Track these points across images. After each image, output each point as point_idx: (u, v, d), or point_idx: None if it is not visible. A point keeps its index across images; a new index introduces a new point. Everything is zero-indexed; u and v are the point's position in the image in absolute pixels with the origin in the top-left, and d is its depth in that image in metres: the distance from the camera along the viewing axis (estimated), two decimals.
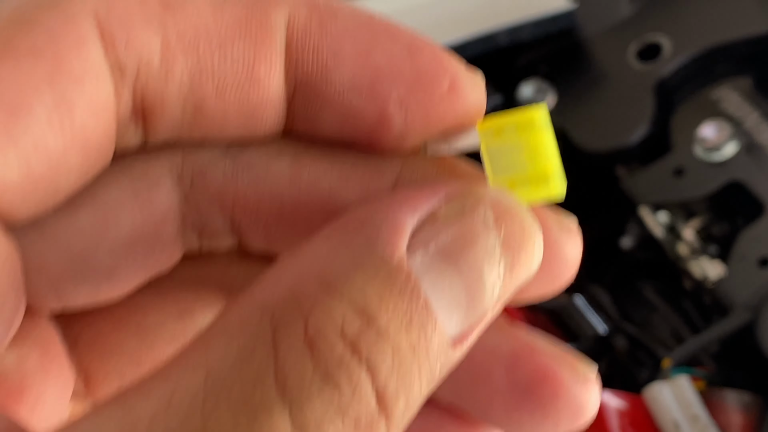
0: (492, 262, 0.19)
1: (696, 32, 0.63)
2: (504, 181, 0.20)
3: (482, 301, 0.19)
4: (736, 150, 0.57)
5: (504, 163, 0.20)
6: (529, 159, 0.20)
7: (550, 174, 0.20)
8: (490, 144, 0.20)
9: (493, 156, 0.20)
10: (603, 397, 0.49)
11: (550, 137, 0.21)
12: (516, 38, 0.66)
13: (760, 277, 0.53)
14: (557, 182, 0.21)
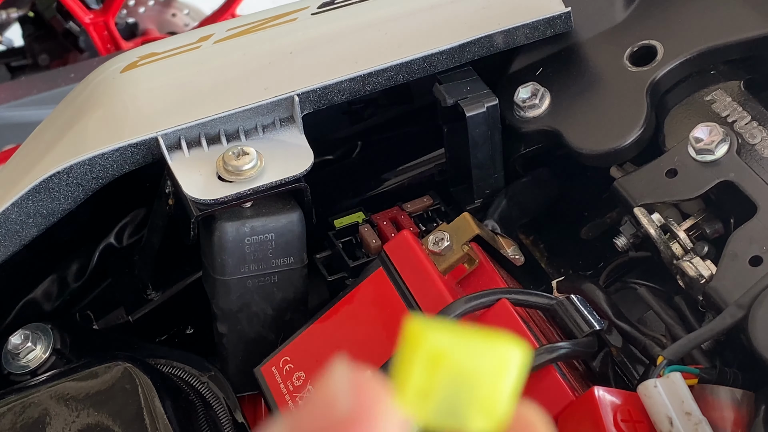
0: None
1: (688, 36, 0.64)
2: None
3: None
4: (728, 151, 0.58)
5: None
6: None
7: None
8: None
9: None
10: (598, 393, 0.50)
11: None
12: (512, 42, 0.66)
13: (752, 276, 0.53)
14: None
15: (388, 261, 0.59)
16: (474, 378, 0.19)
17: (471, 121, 0.64)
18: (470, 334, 0.18)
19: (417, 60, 0.64)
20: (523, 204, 0.69)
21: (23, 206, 0.59)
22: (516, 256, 0.63)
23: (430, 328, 0.18)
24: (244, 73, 0.64)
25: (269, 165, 0.60)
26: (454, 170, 0.69)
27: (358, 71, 0.63)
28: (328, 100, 0.63)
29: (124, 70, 0.66)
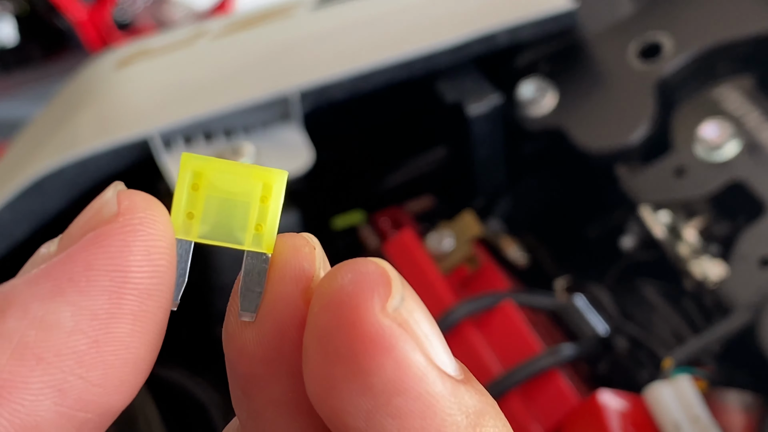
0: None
1: (697, 31, 0.63)
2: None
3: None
4: (738, 149, 0.57)
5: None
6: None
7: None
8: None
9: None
10: (603, 397, 0.49)
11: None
12: (516, 38, 0.66)
13: (761, 277, 0.52)
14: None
15: (388, 261, 0.58)
16: (236, 200, 0.20)
17: (473, 120, 0.63)
18: (235, 164, 0.20)
19: (419, 57, 0.63)
20: (527, 203, 0.68)
21: (15, 207, 0.58)
22: (519, 257, 0.62)
23: (196, 156, 0.20)
24: (241, 69, 0.63)
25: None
26: (456, 169, 0.69)
27: (358, 68, 0.62)
28: (328, 97, 0.62)
29: (118, 67, 0.65)
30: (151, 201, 0.20)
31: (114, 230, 0.19)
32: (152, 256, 0.19)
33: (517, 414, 0.50)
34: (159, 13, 1.74)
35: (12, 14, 1.68)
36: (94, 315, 0.18)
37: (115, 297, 0.18)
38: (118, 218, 0.19)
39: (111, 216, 0.19)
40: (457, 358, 0.27)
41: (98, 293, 0.18)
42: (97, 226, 0.19)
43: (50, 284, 0.18)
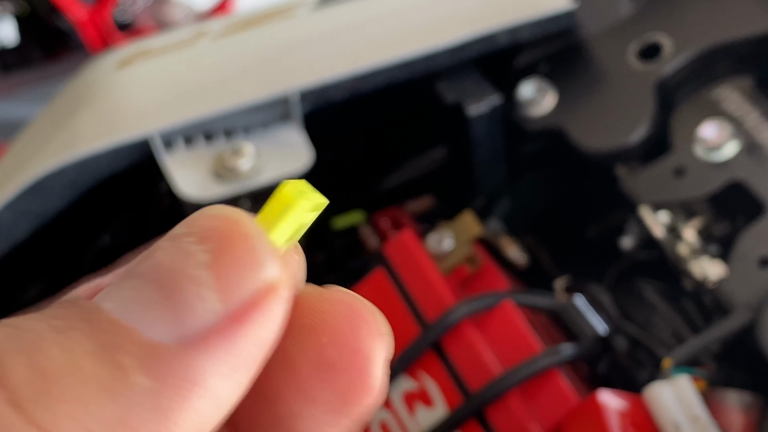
0: (186, 258, 0.17)
1: (696, 32, 0.63)
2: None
3: (187, 302, 0.17)
4: (737, 150, 0.57)
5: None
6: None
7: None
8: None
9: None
10: (603, 397, 0.49)
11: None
12: (516, 38, 0.66)
13: (761, 277, 0.52)
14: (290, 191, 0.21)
15: (388, 261, 0.58)
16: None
17: (473, 120, 0.63)
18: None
19: (418, 57, 0.63)
20: (527, 203, 0.68)
21: (15, 207, 0.58)
22: (519, 257, 0.62)
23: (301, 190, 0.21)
24: (242, 69, 0.63)
25: (267, 164, 0.59)
26: (456, 169, 0.69)
27: (358, 69, 0.62)
28: (328, 97, 0.62)
29: (119, 67, 0.65)
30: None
31: (278, 305, 0.18)
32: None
33: (517, 414, 0.50)
34: (159, 13, 1.74)
35: (12, 14, 1.68)
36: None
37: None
38: (279, 291, 0.18)
39: (274, 289, 0.18)
40: (457, 358, 0.27)
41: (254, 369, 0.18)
42: (264, 298, 0.18)
43: (227, 362, 0.17)
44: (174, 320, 0.17)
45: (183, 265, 0.17)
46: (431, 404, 0.53)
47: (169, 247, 0.17)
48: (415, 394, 0.54)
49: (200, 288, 0.17)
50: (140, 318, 0.17)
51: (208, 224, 0.18)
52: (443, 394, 0.53)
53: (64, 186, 0.59)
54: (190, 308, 0.17)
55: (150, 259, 0.17)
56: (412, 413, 0.53)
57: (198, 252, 0.17)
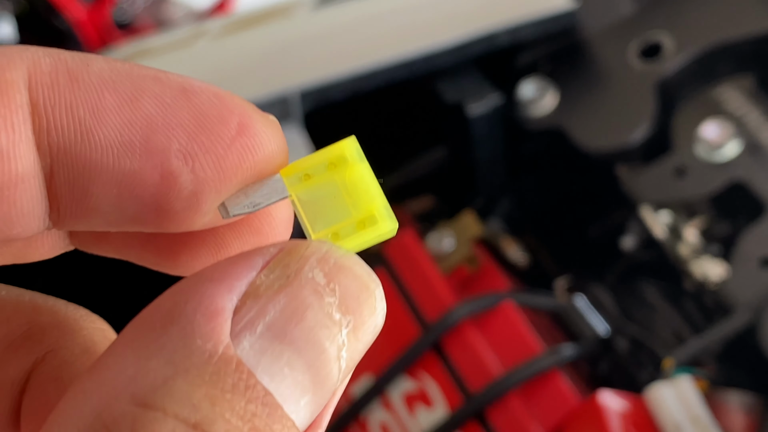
0: (332, 330, 0.16)
1: (698, 31, 0.63)
2: (327, 233, 0.18)
3: (330, 377, 0.16)
4: (738, 150, 0.57)
5: (322, 212, 0.18)
6: (349, 201, 0.18)
7: (377, 213, 0.18)
8: (300, 193, 0.18)
9: (308, 206, 0.18)
10: (604, 397, 0.49)
11: (367, 170, 0.18)
12: (516, 38, 0.65)
13: (762, 278, 0.52)
14: (387, 220, 0.18)
15: (388, 261, 0.58)
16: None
17: (473, 120, 0.63)
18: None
19: (419, 57, 0.63)
20: (528, 203, 0.68)
21: None
22: (520, 257, 0.62)
23: (357, 149, 0.18)
24: (241, 69, 0.63)
25: None
26: (456, 169, 0.68)
27: (359, 68, 0.62)
28: (328, 97, 0.62)
29: None
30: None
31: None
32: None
33: (517, 414, 0.50)
34: (159, 12, 1.73)
35: (11, 14, 1.68)
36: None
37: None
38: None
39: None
40: (457, 358, 0.27)
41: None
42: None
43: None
44: (314, 409, 0.16)
45: (331, 344, 0.16)
46: (431, 405, 0.53)
47: (318, 312, 0.16)
48: (415, 394, 0.54)
49: (339, 367, 0.17)
50: (297, 404, 0.16)
51: (351, 290, 0.17)
52: (443, 394, 0.53)
53: None
54: (328, 389, 0.17)
55: (302, 324, 0.16)
56: (412, 414, 0.53)
57: (342, 324, 0.16)
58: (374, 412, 0.54)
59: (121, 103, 0.17)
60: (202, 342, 0.15)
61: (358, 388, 0.55)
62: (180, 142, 0.17)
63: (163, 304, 0.16)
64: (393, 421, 0.54)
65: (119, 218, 0.17)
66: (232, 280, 0.16)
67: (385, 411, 0.54)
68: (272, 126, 0.18)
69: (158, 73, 0.17)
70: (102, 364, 0.15)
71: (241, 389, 0.15)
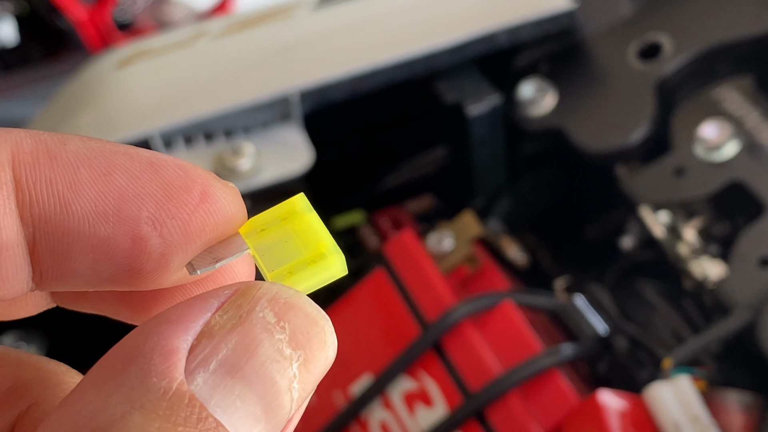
0: (283, 364, 0.18)
1: (697, 32, 0.63)
2: (281, 273, 0.20)
3: (281, 407, 0.18)
4: (737, 150, 0.57)
5: (277, 255, 0.20)
6: (300, 244, 0.20)
7: (325, 250, 0.20)
8: (257, 243, 0.20)
9: (264, 253, 0.20)
10: (603, 397, 0.49)
11: (316, 218, 0.21)
12: (516, 38, 0.66)
13: (761, 277, 0.52)
14: (335, 258, 0.20)
15: (388, 261, 0.58)
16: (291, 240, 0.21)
17: (472, 120, 0.63)
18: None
19: (419, 57, 0.63)
20: (527, 203, 0.68)
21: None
22: (519, 257, 0.62)
23: (306, 204, 0.21)
24: (242, 70, 0.63)
25: (267, 164, 0.59)
26: (456, 169, 0.69)
27: (358, 69, 0.62)
28: (328, 97, 0.62)
29: (119, 67, 0.65)
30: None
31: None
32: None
33: (517, 414, 0.50)
34: (159, 13, 1.73)
35: (12, 14, 1.68)
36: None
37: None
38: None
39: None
40: (457, 358, 0.27)
41: None
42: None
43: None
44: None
45: (281, 377, 0.18)
46: (431, 404, 0.53)
47: (268, 348, 0.18)
48: (415, 394, 0.54)
49: (291, 398, 0.18)
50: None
51: (301, 326, 0.18)
52: (443, 394, 0.53)
53: None
54: (281, 419, 0.18)
55: (253, 359, 0.18)
56: (412, 413, 0.53)
57: (293, 361, 0.18)
58: (374, 411, 0.54)
59: (95, 177, 0.19)
60: (157, 379, 0.16)
61: (358, 387, 0.55)
62: (149, 210, 0.19)
63: (124, 345, 0.17)
64: (393, 420, 0.54)
65: (96, 279, 0.19)
66: (187, 322, 0.17)
67: (385, 410, 0.54)
68: (231, 192, 0.20)
69: (128, 149, 0.19)
70: (67, 402, 0.17)
71: (193, 421, 0.16)
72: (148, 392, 0.16)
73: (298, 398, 0.18)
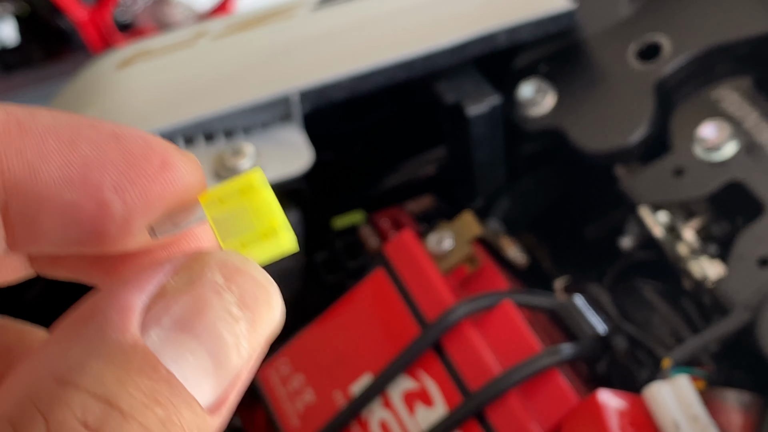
0: (231, 323, 0.19)
1: (696, 32, 0.63)
2: (234, 244, 0.21)
3: (230, 363, 0.19)
4: (736, 150, 0.57)
5: (232, 228, 0.21)
6: (254, 219, 0.21)
7: (276, 228, 0.21)
8: (215, 213, 0.21)
9: (220, 223, 0.21)
10: (602, 396, 0.49)
11: (270, 195, 0.22)
12: (515, 38, 0.66)
13: (760, 277, 0.52)
14: (285, 235, 0.22)
15: (388, 261, 0.58)
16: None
17: (472, 120, 0.64)
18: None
19: (418, 57, 0.64)
20: (527, 204, 0.68)
21: None
22: (518, 257, 0.62)
23: (264, 182, 0.22)
24: (242, 70, 0.63)
25: (268, 163, 0.59)
26: (456, 169, 0.69)
27: (358, 69, 0.62)
28: (328, 97, 0.62)
29: (119, 67, 0.65)
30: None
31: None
32: None
33: (516, 413, 0.50)
34: (160, 13, 1.74)
35: (13, 15, 1.68)
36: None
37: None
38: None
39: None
40: (457, 358, 0.28)
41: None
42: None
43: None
44: (218, 391, 0.19)
45: (229, 335, 0.19)
46: (431, 404, 0.53)
47: (218, 307, 0.20)
48: (415, 393, 0.54)
49: (239, 355, 0.20)
50: (200, 386, 0.19)
51: (249, 290, 0.20)
52: (443, 394, 0.53)
53: None
54: (229, 375, 0.20)
55: (203, 317, 0.19)
56: (412, 413, 0.54)
57: (241, 320, 0.20)
58: (374, 411, 0.55)
59: (61, 146, 0.20)
60: (114, 333, 0.18)
61: (358, 387, 0.55)
62: (112, 177, 0.21)
63: (85, 305, 0.19)
64: (393, 419, 0.54)
65: (65, 240, 0.21)
66: (143, 283, 0.19)
67: (385, 410, 0.54)
68: (191, 162, 0.22)
69: (93, 121, 0.21)
70: (33, 356, 0.18)
71: (147, 371, 0.18)
72: (104, 344, 0.18)
73: (247, 356, 0.20)
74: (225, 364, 0.19)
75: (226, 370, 0.19)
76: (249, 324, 0.20)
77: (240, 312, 0.20)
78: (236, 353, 0.19)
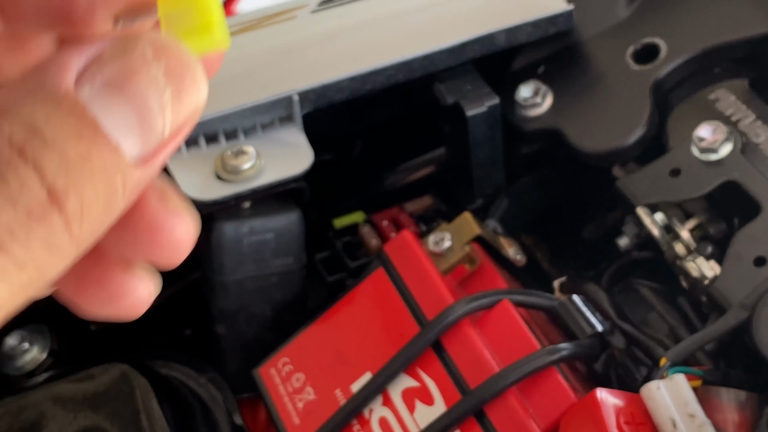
0: (156, 88, 0.22)
1: (692, 34, 0.63)
2: (174, 33, 0.24)
3: (154, 125, 0.22)
4: (732, 150, 0.57)
5: (176, 22, 0.24)
6: (196, 16, 0.24)
7: (212, 24, 0.24)
8: (166, 10, 0.24)
9: (169, 18, 0.24)
10: (600, 395, 0.49)
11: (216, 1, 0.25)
12: (514, 40, 0.66)
13: (756, 276, 0.53)
14: (219, 32, 0.24)
15: (388, 261, 0.59)
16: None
17: (471, 121, 0.64)
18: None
19: (417, 58, 0.64)
20: (525, 204, 0.69)
21: None
22: (517, 257, 0.62)
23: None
24: (242, 71, 0.63)
25: (268, 164, 0.59)
26: (455, 170, 0.69)
27: (358, 70, 0.63)
28: (328, 98, 0.63)
29: None
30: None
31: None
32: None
33: (515, 412, 0.51)
34: None
35: None
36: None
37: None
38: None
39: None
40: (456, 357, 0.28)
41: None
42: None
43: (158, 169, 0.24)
44: (143, 148, 0.22)
45: (154, 100, 0.22)
46: (431, 403, 0.53)
47: (144, 74, 0.22)
48: (415, 392, 0.54)
49: (164, 120, 0.22)
50: (125, 138, 0.22)
51: (175, 64, 0.23)
52: (442, 393, 0.53)
53: None
54: (154, 135, 0.22)
55: (131, 80, 0.22)
56: (412, 411, 0.54)
57: (167, 89, 0.22)
58: (374, 409, 0.55)
59: None
60: (50, 83, 0.21)
61: (358, 385, 0.56)
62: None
63: (36, 66, 0.22)
64: (393, 417, 0.54)
65: (40, 19, 0.25)
66: (82, 50, 0.22)
67: (385, 408, 0.55)
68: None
69: None
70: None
71: (77, 113, 0.21)
72: (41, 89, 0.21)
73: (170, 124, 0.22)
74: (150, 125, 0.22)
75: (151, 131, 0.22)
76: (174, 95, 0.22)
77: (165, 82, 0.22)
78: (161, 117, 0.22)
